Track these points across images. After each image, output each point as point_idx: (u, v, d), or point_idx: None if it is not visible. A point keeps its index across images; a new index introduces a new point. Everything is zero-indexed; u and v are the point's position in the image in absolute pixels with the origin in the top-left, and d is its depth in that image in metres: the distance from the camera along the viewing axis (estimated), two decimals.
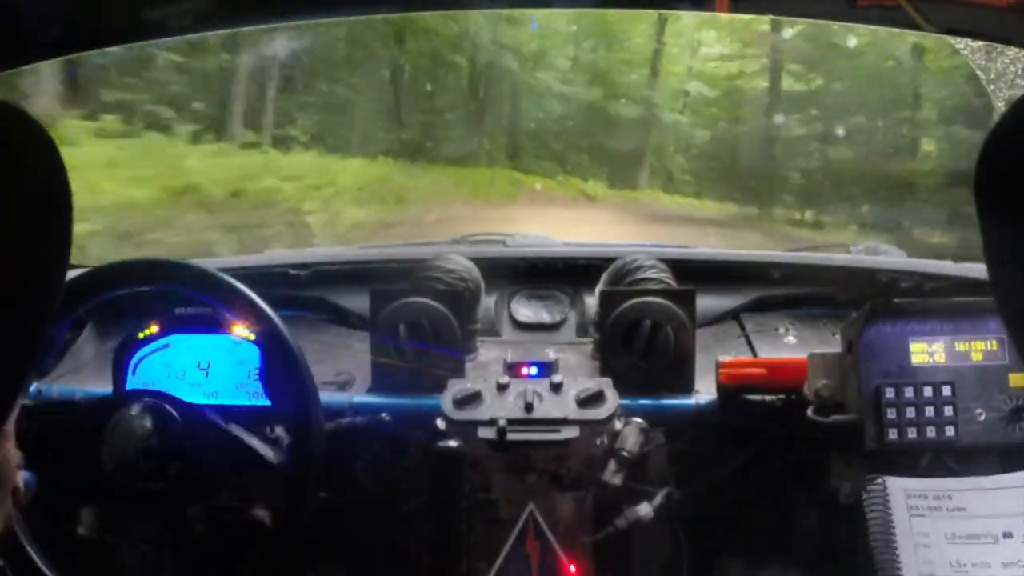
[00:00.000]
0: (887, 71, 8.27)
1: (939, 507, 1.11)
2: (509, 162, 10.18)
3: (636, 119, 10.63)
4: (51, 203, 0.63)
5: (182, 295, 1.20)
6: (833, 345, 1.27)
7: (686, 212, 9.40)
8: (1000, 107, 1.43)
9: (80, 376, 1.36)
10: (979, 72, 1.42)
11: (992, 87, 1.41)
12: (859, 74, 8.64)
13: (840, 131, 8.97)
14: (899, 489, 1.13)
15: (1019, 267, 0.63)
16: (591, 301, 1.53)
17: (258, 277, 1.26)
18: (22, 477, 0.78)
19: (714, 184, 10.10)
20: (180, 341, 1.27)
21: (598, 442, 1.22)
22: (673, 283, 1.45)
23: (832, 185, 8.40)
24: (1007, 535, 1.09)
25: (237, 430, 1.15)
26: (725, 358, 1.28)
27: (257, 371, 1.25)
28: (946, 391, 1.18)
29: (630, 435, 1.21)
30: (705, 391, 1.32)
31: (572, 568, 1.21)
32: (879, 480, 1.14)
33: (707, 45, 10.56)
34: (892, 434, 1.16)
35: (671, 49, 10.75)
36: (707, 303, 1.50)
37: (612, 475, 1.20)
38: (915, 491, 1.12)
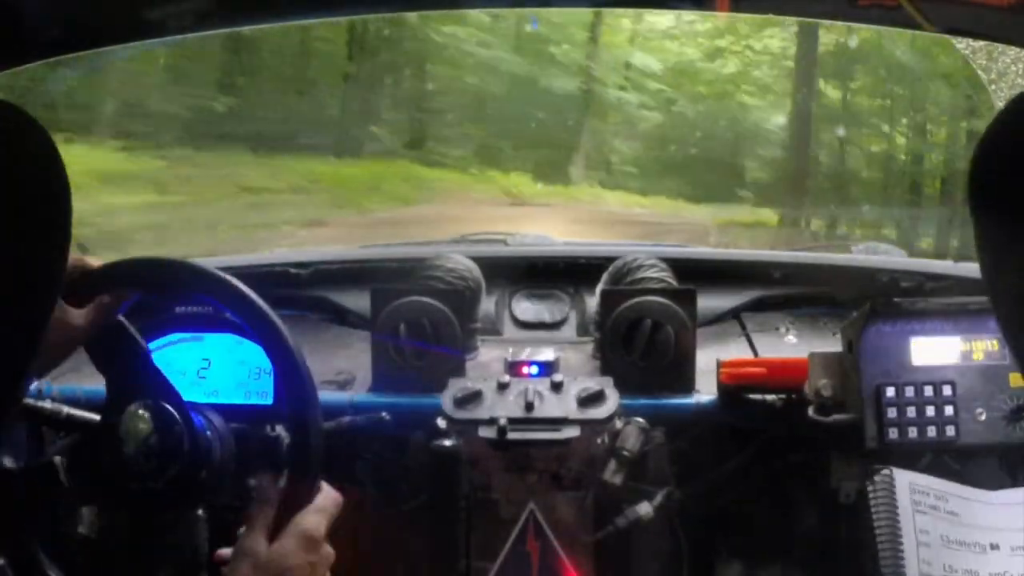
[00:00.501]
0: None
1: (937, 507, 1.12)
2: (409, 152, 7.69)
3: (573, 97, 8.51)
4: (51, 203, 0.63)
5: (182, 294, 1.19)
6: (834, 345, 1.27)
7: (635, 214, 7.56)
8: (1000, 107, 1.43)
9: (80, 376, 1.36)
10: (980, 72, 1.42)
11: (993, 87, 1.41)
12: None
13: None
14: (905, 482, 1.13)
15: (1013, 268, 0.63)
16: (592, 300, 1.53)
17: (258, 276, 1.26)
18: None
19: (666, 179, 8.20)
20: (180, 340, 1.27)
21: (599, 441, 1.22)
22: (674, 282, 1.45)
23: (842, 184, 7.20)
24: (994, 547, 1.10)
25: (237, 429, 1.15)
26: (726, 357, 1.28)
27: (258, 370, 1.25)
28: (947, 391, 1.18)
29: (630, 434, 1.21)
30: (706, 391, 1.32)
31: (572, 568, 1.21)
32: (886, 471, 1.14)
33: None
34: (893, 433, 1.16)
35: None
36: (708, 302, 1.50)
37: (612, 475, 1.20)
38: (919, 486, 1.12)
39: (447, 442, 1.18)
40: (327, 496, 0.95)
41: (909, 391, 1.17)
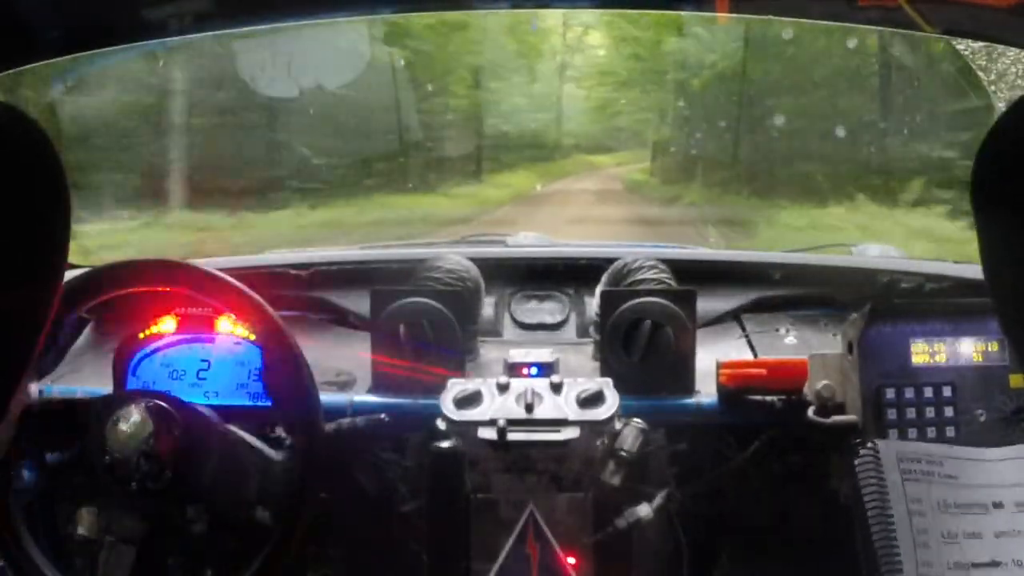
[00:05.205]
0: None
1: (931, 472, 1.11)
2: None
3: None
4: (50, 203, 0.63)
5: (182, 295, 1.19)
6: (834, 346, 1.27)
7: None
8: (1001, 108, 1.43)
9: (80, 376, 1.36)
10: (980, 73, 1.42)
11: (993, 88, 1.41)
12: None
13: None
14: (892, 452, 1.12)
15: (1014, 266, 0.63)
16: (592, 301, 1.53)
17: (259, 277, 1.26)
18: None
19: None
20: (179, 341, 1.27)
21: (598, 443, 1.21)
22: (673, 283, 1.45)
23: None
24: (997, 505, 1.09)
25: (237, 431, 1.15)
26: (725, 359, 1.28)
27: (258, 371, 1.25)
28: (947, 392, 1.18)
29: (629, 435, 1.21)
30: (705, 392, 1.32)
31: (572, 569, 1.21)
32: (871, 443, 1.14)
33: None
34: (893, 435, 1.16)
35: None
36: (707, 303, 1.50)
37: (612, 475, 1.20)
38: (908, 454, 1.12)
39: (447, 443, 1.18)
40: None
41: (909, 392, 1.17)
